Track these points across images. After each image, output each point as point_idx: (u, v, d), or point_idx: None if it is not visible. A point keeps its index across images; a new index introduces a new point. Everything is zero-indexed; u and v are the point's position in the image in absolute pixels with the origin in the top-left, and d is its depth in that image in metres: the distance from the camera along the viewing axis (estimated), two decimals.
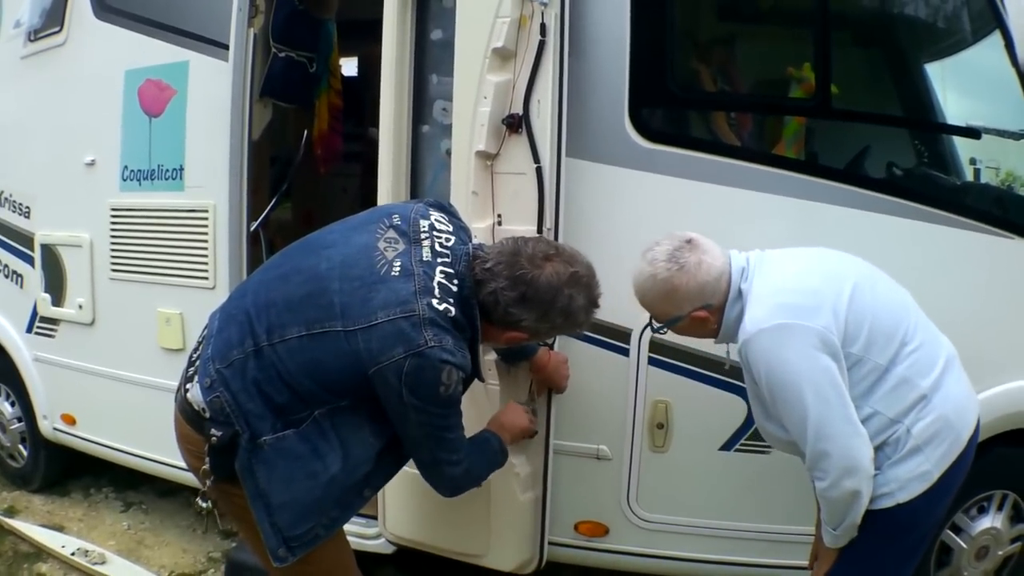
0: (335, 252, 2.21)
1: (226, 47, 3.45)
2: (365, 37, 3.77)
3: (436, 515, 3.05)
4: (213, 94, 3.50)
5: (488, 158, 2.84)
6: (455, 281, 2.19)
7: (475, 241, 2.41)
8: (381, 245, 2.19)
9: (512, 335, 2.29)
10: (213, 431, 2.13)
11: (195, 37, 3.62)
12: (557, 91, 2.78)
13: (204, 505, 2.30)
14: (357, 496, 2.34)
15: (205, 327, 2.37)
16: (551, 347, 2.88)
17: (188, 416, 2.25)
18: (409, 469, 2.55)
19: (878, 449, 2.18)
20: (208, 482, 2.21)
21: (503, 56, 2.79)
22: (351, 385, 2.15)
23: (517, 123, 2.80)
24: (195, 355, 2.32)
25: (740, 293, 2.29)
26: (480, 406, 2.82)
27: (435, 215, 2.32)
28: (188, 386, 2.25)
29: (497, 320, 2.24)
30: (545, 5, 2.72)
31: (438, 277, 2.16)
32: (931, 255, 2.88)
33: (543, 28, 2.74)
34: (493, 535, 2.95)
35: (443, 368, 2.09)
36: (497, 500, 2.91)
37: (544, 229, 2.80)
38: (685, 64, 3.23)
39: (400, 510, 3.14)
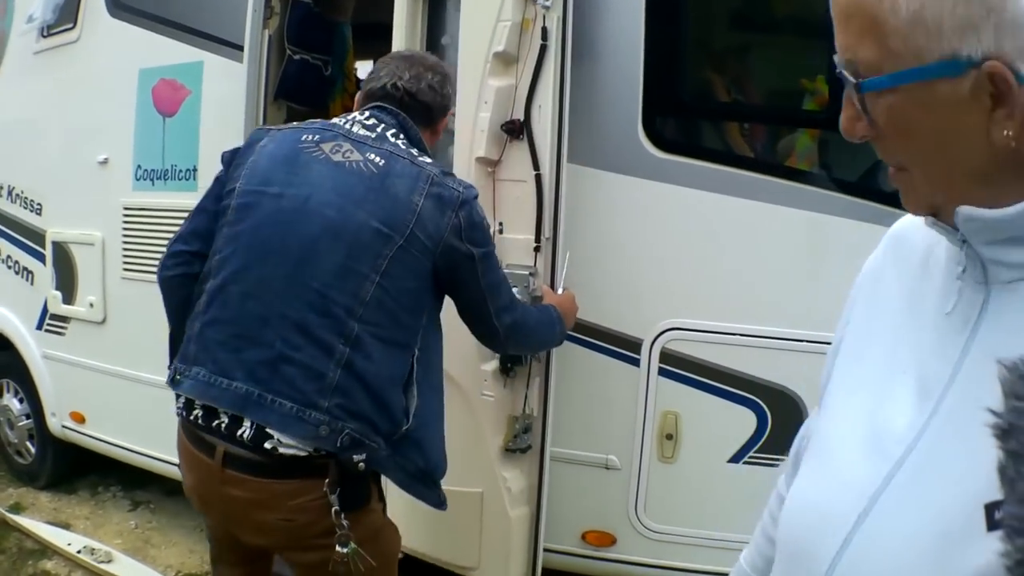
0: (323, 196, 2.01)
1: (241, 48, 3.45)
2: (380, 40, 3.75)
3: (432, 525, 3.00)
4: (227, 95, 3.49)
5: (490, 165, 2.80)
6: (400, 136, 2.18)
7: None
8: (337, 158, 2.06)
9: (445, 119, 2.39)
10: (355, 458, 1.96)
11: (210, 38, 3.63)
12: (558, 96, 2.72)
13: (346, 551, 1.96)
14: None
15: (223, 381, 2.00)
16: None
17: (294, 468, 1.96)
18: None
19: None
20: (344, 523, 1.95)
21: (505, 60, 2.74)
22: (425, 293, 2.10)
23: (518, 129, 2.74)
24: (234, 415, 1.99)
25: None
26: (476, 416, 2.83)
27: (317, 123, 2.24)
28: (275, 446, 1.94)
29: (437, 113, 2.33)
30: (547, 8, 2.66)
31: (398, 142, 2.15)
32: None
33: (544, 32, 2.67)
34: (484, 550, 2.91)
35: (476, 203, 2.15)
36: (488, 515, 2.87)
37: (542, 239, 2.75)
38: (699, 74, 3.21)
39: (400, 517, 3.11)
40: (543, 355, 2.83)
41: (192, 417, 2.03)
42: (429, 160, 2.15)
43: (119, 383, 4.02)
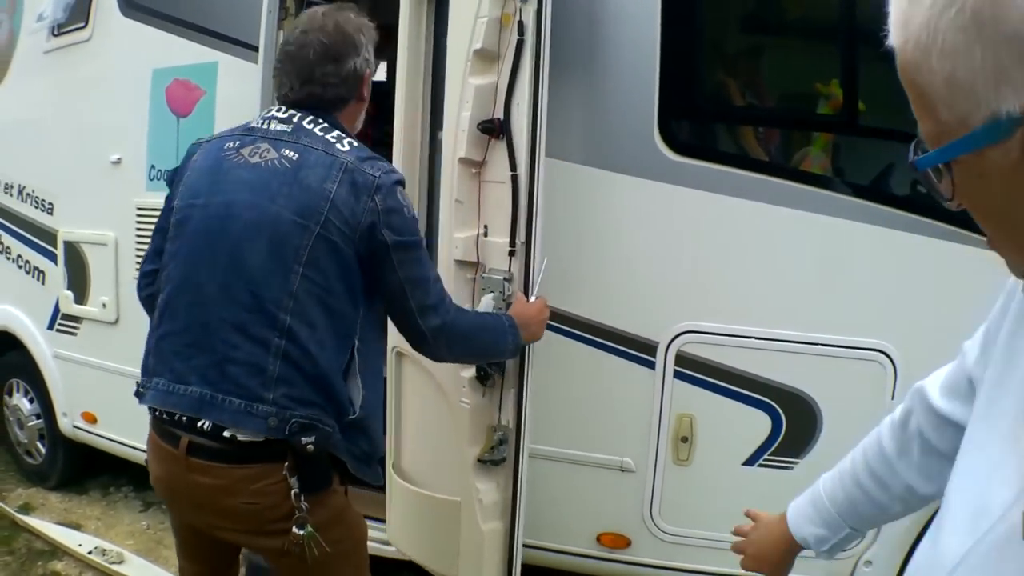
0: (242, 198, 2.08)
1: (256, 49, 3.44)
2: (394, 41, 3.76)
3: (419, 530, 3.05)
4: (242, 96, 3.47)
5: (474, 166, 2.73)
6: (320, 121, 2.18)
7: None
8: (255, 159, 2.11)
9: (363, 86, 2.29)
10: (304, 440, 2.02)
11: (224, 38, 3.62)
12: (533, 93, 2.60)
13: (303, 532, 2.03)
14: None
15: (180, 385, 2.09)
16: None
17: (253, 453, 2.04)
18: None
19: None
20: (303, 505, 2.04)
21: (485, 58, 2.66)
22: (356, 283, 2.11)
23: (497, 128, 2.65)
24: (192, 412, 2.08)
25: None
26: (457, 423, 2.80)
27: (239, 128, 2.28)
28: (234, 435, 2.03)
29: (349, 95, 2.25)
30: (524, 2, 2.57)
31: (313, 128, 2.16)
32: (966, 277, 2.84)
33: (521, 26, 2.57)
34: (462, 560, 2.87)
35: (396, 188, 2.13)
36: (465, 525, 2.83)
37: (517, 242, 2.66)
38: (714, 78, 3.23)
39: (397, 520, 3.14)
40: (511, 364, 2.72)
41: (158, 414, 2.15)
42: (348, 147, 2.14)
43: (132, 383, 3.97)
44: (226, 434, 2.03)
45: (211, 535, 2.23)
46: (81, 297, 4.18)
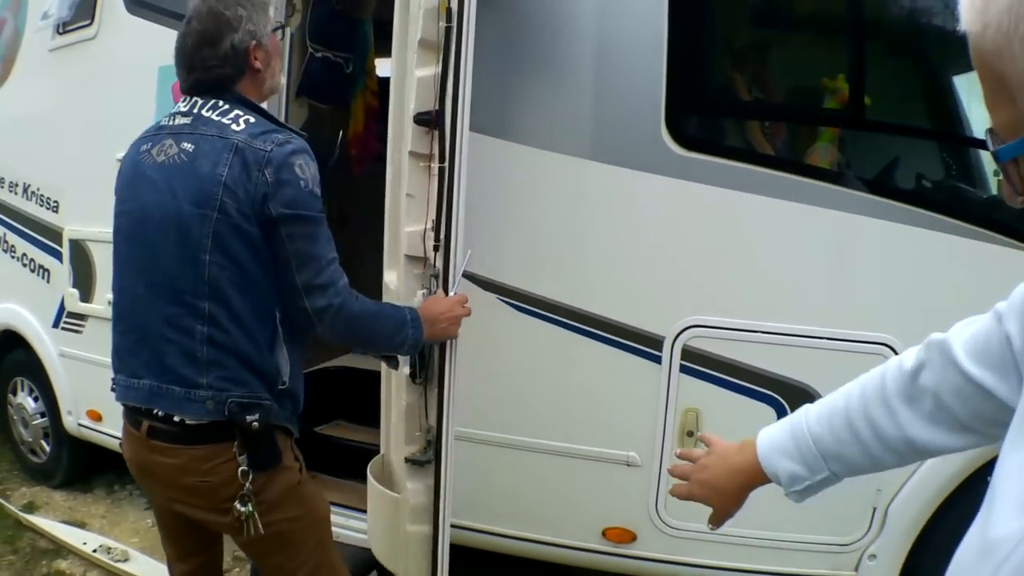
0: (151, 198, 2.15)
1: None
2: None
3: (375, 523, 3.05)
4: None
5: (422, 159, 2.64)
6: (220, 104, 2.19)
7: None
8: (161, 158, 2.16)
9: (251, 58, 2.23)
10: (248, 418, 2.11)
11: None
12: (454, 81, 2.48)
13: (244, 509, 2.14)
14: None
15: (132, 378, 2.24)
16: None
17: (204, 434, 2.15)
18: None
19: None
20: (248, 485, 2.14)
21: (428, 48, 2.58)
22: (268, 259, 2.13)
23: (434, 120, 2.57)
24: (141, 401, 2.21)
25: None
26: (400, 419, 2.77)
27: (152, 128, 2.30)
28: (181, 418, 2.15)
29: (238, 69, 2.21)
30: None
31: (212, 114, 2.17)
32: (969, 271, 2.84)
33: (448, 13, 2.47)
34: (399, 559, 2.83)
35: (290, 159, 2.10)
36: (403, 523, 2.76)
37: (441, 236, 2.57)
38: (721, 73, 3.23)
39: (368, 513, 3.13)
40: (431, 362, 2.65)
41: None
42: (243, 125, 2.14)
43: None
44: (175, 418, 2.15)
45: (183, 515, 2.33)
46: (87, 295, 4.17)
